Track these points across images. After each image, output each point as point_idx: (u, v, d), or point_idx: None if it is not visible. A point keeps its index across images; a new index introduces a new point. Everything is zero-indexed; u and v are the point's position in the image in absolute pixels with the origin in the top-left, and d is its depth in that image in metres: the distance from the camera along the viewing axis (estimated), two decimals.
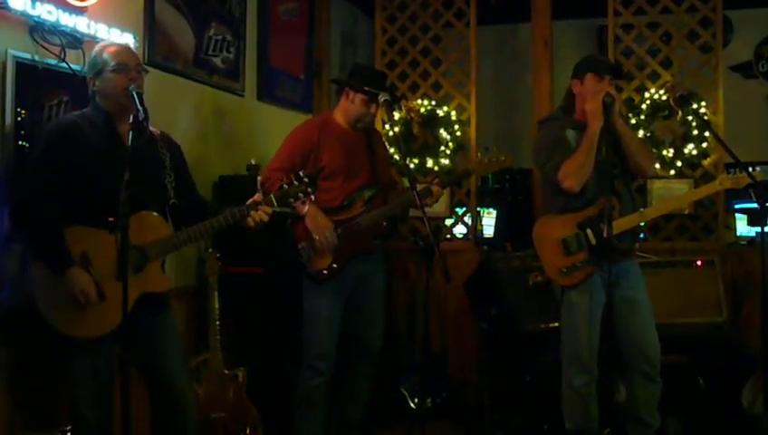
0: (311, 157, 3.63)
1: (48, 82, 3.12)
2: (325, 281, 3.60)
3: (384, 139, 5.22)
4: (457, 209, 5.30)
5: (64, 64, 3.17)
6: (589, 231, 3.38)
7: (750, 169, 3.34)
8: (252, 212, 2.87)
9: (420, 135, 5.28)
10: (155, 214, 2.83)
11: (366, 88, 3.62)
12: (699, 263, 4.38)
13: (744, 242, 5.03)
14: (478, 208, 5.34)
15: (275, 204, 2.90)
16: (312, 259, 3.59)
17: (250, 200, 2.91)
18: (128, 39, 3.41)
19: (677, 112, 4.85)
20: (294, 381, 3.69)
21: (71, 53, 3.21)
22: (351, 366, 3.79)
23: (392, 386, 4.46)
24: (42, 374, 3.07)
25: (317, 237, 3.52)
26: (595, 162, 3.32)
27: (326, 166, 3.60)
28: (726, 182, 3.50)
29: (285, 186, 2.90)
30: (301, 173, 2.92)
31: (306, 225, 3.54)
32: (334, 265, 3.60)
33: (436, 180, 3.73)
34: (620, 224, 3.34)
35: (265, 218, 2.90)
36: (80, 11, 3.22)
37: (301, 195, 2.89)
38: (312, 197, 2.97)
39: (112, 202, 2.41)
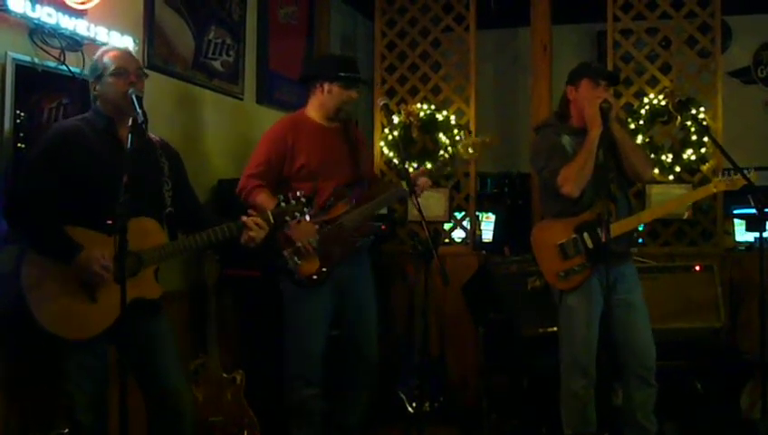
0: (286, 158, 3.55)
1: (47, 84, 3.12)
2: (315, 286, 3.51)
3: (383, 143, 5.27)
4: (456, 213, 5.31)
5: (64, 67, 3.17)
6: (586, 235, 3.38)
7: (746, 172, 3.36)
8: (247, 229, 2.89)
9: (419, 139, 5.29)
10: (152, 220, 2.84)
11: (342, 74, 3.57)
12: (698, 268, 4.38)
13: (743, 247, 5.05)
14: (477, 213, 5.35)
15: (272, 221, 2.92)
16: (300, 265, 3.49)
17: (250, 220, 2.91)
18: (127, 42, 3.42)
19: (676, 117, 4.86)
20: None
21: (70, 56, 3.21)
22: (350, 376, 3.70)
23: (390, 390, 4.46)
24: (38, 376, 3.07)
25: (299, 244, 3.43)
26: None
27: (304, 166, 3.53)
28: (721, 185, 3.52)
29: (283, 204, 2.92)
30: (298, 193, 2.93)
31: (288, 232, 3.44)
32: (323, 269, 3.50)
33: (422, 169, 3.66)
34: (618, 227, 3.34)
35: (262, 235, 2.92)
36: (79, 14, 3.22)
37: (297, 214, 2.91)
38: (308, 217, 2.97)
39: (111, 205, 2.41)
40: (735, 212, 5.08)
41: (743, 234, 5.12)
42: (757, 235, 3.60)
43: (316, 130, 3.63)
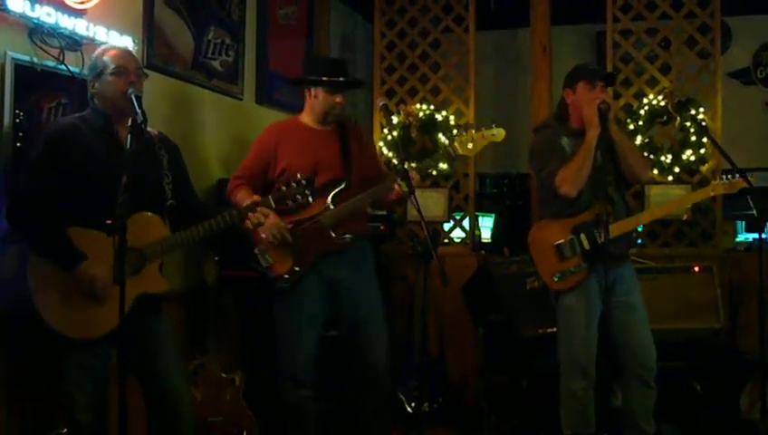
0: (270, 163, 3.54)
1: (47, 84, 3.12)
2: (289, 285, 3.45)
3: (383, 143, 5.27)
4: (455, 214, 5.30)
5: (63, 67, 3.17)
6: (582, 236, 3.38)
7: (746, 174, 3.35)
8: (250, 214, 2.90)
9: (419, 139, 5.29)
10: (153, 215, 2.83)
11: (324, 79, 3.54)
12: (697, 269, 4.38)
13: (742, 248, 5.05)
14: (476, 213, 5.35)
15: (273, 205, 2.93)
16: (272, 265, 3.43)
17: (249, 202, 2.93)
18: (127, 42, 3.42)
19: (676, 118, 4.86)
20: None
21: (69, 56, 3.21)
22: (354, 380, 3.60)
23: (389, 391, 4.45)
24: (38, 376, 3.07)
25: (264, 235, 3.34)
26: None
27: (285, 170, 3.48)
28: (719, 188, 3.51)
29: (284, 187, 2.91)
30: (299, 175, 2.91)
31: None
32: (296, 269, 3.42)
33: (413, 166, 3.50)
34: (616, 228, 3.34)
35: (263, 220, 2.95)
36: (79, 13, 3.22)
37: (299, 197, 2.90)
38: (311, 199, 2.95)
39: (110, 204, 2.41)
40: (735, 213, 5.08)
41: (742, 235, 5.12)
42: (757, 235, 3.60)
43: (304, 133, 3.59)
